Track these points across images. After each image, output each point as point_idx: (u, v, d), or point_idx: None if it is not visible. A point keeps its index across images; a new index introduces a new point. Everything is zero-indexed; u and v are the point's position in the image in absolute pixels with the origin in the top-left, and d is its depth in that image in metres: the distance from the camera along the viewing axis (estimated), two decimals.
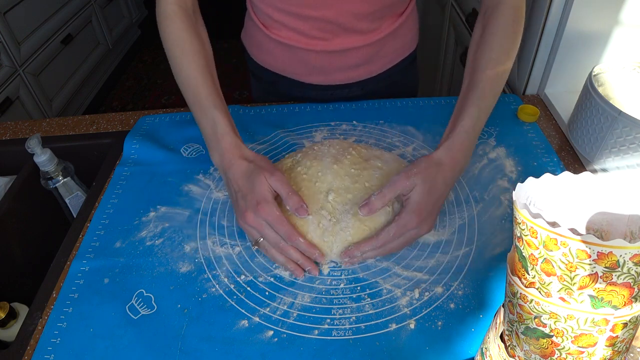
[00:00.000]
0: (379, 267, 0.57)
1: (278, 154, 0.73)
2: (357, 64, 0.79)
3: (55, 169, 0.71)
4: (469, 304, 0.52)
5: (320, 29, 0.73)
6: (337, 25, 0.72)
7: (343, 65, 0.78)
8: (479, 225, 0.61)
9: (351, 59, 0.78)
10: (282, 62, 0.81)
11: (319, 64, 0.78)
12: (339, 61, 0.78)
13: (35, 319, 0.54)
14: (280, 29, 0.75)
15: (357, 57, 0.77)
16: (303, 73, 0.81)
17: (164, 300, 0.54)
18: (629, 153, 0.62)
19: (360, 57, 0.78)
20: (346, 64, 0.78)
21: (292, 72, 0.82)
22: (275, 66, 0.83)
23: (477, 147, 0.72)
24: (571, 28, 0.74)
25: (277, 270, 0.57)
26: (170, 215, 0.65)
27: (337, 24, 0.72)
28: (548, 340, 0.32)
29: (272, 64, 0.83)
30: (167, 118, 0.82)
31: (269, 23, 0.76)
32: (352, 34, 0.74)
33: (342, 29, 0.72)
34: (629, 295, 0.29)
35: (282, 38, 0.76)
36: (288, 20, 0.73)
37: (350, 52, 0.76)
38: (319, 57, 0.77)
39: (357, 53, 0.77)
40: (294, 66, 0.80)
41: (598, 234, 0.35)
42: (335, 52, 0.76)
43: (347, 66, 0.79)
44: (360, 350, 0.49)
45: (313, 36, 0.74)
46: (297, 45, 0.76)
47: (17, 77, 1.79)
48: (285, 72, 0.83)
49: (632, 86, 0.69)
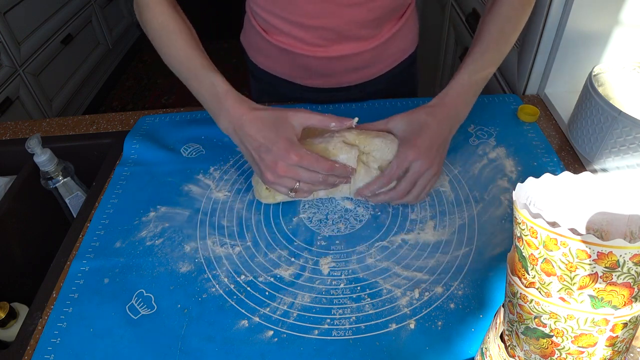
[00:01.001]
0: (379, 267, 0.57)
1: None
2: (358, 67, 0.79)
3: (55, 169, 0.71)
4: (469, 304, 0.52)
5: (321, 37, 0.72)
6: (337, 33, 0.72)
7: (343, 69, 0.78)
8: (479, 225, 0.61)
9: (351, 64, 0.77)
10: (282, 66, 0.81)
11: (319, 69, 0.78)
12: (339, 66, 0.77)
13: (35, 319, 0.54)
14: (280, 35, 0.75)
15: (358, 61, 0.77)
16: (303, 76, 0.81)
17: (164, 300, 0.54)
18: (629, 153, 0.62)
19: (361, 61, 0.77)
20: (346, 68, 0.78)
21: (291, 75, 0.82)
22: (274, 69, 0.83)
23: (477, 147, 0.72)
24: (571, 28, 0.74)
25: (277, 270, 0.57)
26: (170, 215, 0.65)
27: (338, 32, 0.71)
28: (548, 340, 0.32)
29: (272, 67, 0.83)
30: (167, 118, 0.82)
31: (269, 29, 0.76)
32: (353, 40, 0.73)
33: (342, 36, 0.72)
34: (629, 295, 0.29)
35: (281, 44, 0.76)
36: (289, 29, 0.73)
37: (351, 57, 0.76)
38: (319, 62, 0.77)
39: (358, 58, 0.77)
40: (294, 70, 0.80)
41: (598, 234, 0.35)
42: (336, 57, 0.75)
43: (347, 70, 0.79)
44: (360, 350, 0.49)
45: (313, 44, 0.74)
46: (297, 51, 0.75)
47: (17, 77, 1.79)
48: (285, 76, 0.82)
49: (632, 86, 0.69)
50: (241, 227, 0.63)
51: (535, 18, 0.78)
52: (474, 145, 0.73)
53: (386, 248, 0.59)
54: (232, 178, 0.70)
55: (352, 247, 0.59)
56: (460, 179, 0.67)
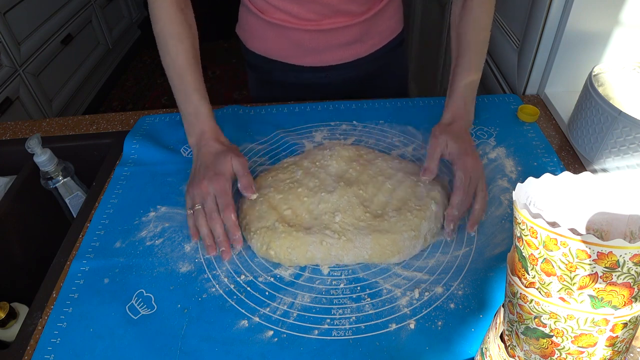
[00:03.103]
0: (379, 267, 0.57)
1: (278, 154, 0.73)
2: (348, 42, 0.82)
3: (55, 169, 0.71)
4: (469, 304, 0.52)
5: (313, 10, 0.77)
6: (329, 7, 0.76)
7: (334, 44, 0.82)
8: (479, 225, 0.61)
9: (342, 37, 0.81)
10: (276, 46, 0.84)
11: (311, 45, 0.82)
12: (330, 40, 0.81)
13: (35, 319, 0.54)
14: (274, 12, 0.79)
15: (348, 35, 0.81)
16: (296, 55, 0.84)
17: (164, 300, 0.54)
18: (629, 153, 0.62)
19: (351, 35, 0.81)
20: (337, 43, 0.82)
21: (286, 55, 0.85)
22: (270, 52, 0.86)
23: (477, 147, 0.72)
24: (571, 28, 0.74)
25: (277, 270, 0.57)
26: (170, 215, 0.65)
27: (329, 7, 0.76)
28: (548, 340, 0.32)
29: (267, 50, 0.86)
30: (167, 118, 0.82)
31: (264, 7, 0.80)
32: (343, 15, 0.78)
33: (334, 10, 0.77)
34: (629, 295, 0.29)
35: (275, 20, 0.80)
36: (283, 5, 0.77)
37: (341, 30, 0.80)
38: (311, 36, 0.80)
39: (348, 31, 0.81)
40: (288, 49, 0.83)
41: (598, 234, 0.35)
42: (326, 30, 0.79)
43: (338, 45, 0.82)
44: (360, 350, 0.49)
45: (306, 18, 0.78)
46: (291, 26, 0.79)
47: (17, 77, 1.79)
48: (280, 57, 0.85)
49: (632, 86, 0.69)
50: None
51: (535, 18, 0.78)
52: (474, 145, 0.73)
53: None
54: None
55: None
56: None
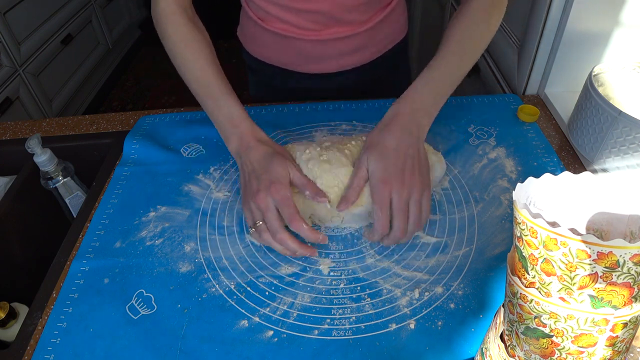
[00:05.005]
0: (379, 267, 0.57)
1: None
2: (350, 51, 0.81)
3: (55, 169, 0.71)
4: (469, 304, 0.52)
5: (313, 20, 0.76)
6: (329, 17, 0.75)
7: (336, 52, 0.81)
8: (479, 225, 0.61)
9: (344, 47, 0.80)
10: (278, 54, 0.83)
11: (312, 53, 0.81)
12: (332, 49, 0.80)
13: (35, 319, 0.54)
14: (274, 21, 0.78)
15: (350, 44, 0.80)
16: (298, 63, 0.83)
17: (164, 300, 0.54)
18: (629, 153, 0.62)
19: (353, 44, 0.80)
20: (339, 51, 0.81)
21: (287, 62, 0.84)
22: (270, 58, 0.85)
23: (477, 147, 0.72)
24: (571, 28, 0.74)
25: (277, 270, 0.57)
26: (170, 215, 0.65)
27: (329, 16, 0.75)
28: (548, 340, 0.32)
29: (268, 56, 0.85)
30: (167, 118, 0.82)
31: (264, 16, 0.79)
32: (343, 24, 0.77)
33: (333, 20, 0.75)
34: (629, 295, 0.29)
35: (276, 29, 0.79)
36: (283, 14, 0.76)
37: (343, 40, 0.79)
38: (313, 45, 0.79)
39: (350, 41, 0.79)
40: (289, 56, 0.83)
41: (598, 234, 0.35)
42: (327, 40, 0.78)
43: (340, 53, 0.81)
44: (360, 350, 0.49)
45: (306, 27, 0.77)
46: (291, 35, 0.78)
47: (17, 77, 1.79)
48: (281, 63, 0.85)
49: (632, 86, 0.69)
50: (241, 227, 0.63)
51: (535, 18, 0.78)
52: (474, 145, 0.73)
53: (386, 248, 0.59)
54: (232, 178, 0.70)
55: (352, 247, 0.59)
56: (460, 179, 0.67)
